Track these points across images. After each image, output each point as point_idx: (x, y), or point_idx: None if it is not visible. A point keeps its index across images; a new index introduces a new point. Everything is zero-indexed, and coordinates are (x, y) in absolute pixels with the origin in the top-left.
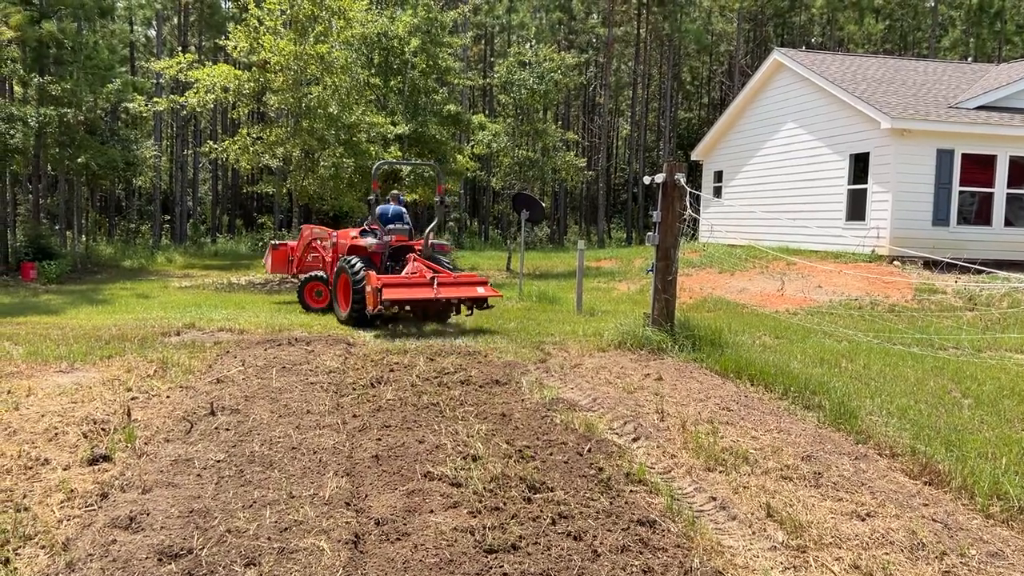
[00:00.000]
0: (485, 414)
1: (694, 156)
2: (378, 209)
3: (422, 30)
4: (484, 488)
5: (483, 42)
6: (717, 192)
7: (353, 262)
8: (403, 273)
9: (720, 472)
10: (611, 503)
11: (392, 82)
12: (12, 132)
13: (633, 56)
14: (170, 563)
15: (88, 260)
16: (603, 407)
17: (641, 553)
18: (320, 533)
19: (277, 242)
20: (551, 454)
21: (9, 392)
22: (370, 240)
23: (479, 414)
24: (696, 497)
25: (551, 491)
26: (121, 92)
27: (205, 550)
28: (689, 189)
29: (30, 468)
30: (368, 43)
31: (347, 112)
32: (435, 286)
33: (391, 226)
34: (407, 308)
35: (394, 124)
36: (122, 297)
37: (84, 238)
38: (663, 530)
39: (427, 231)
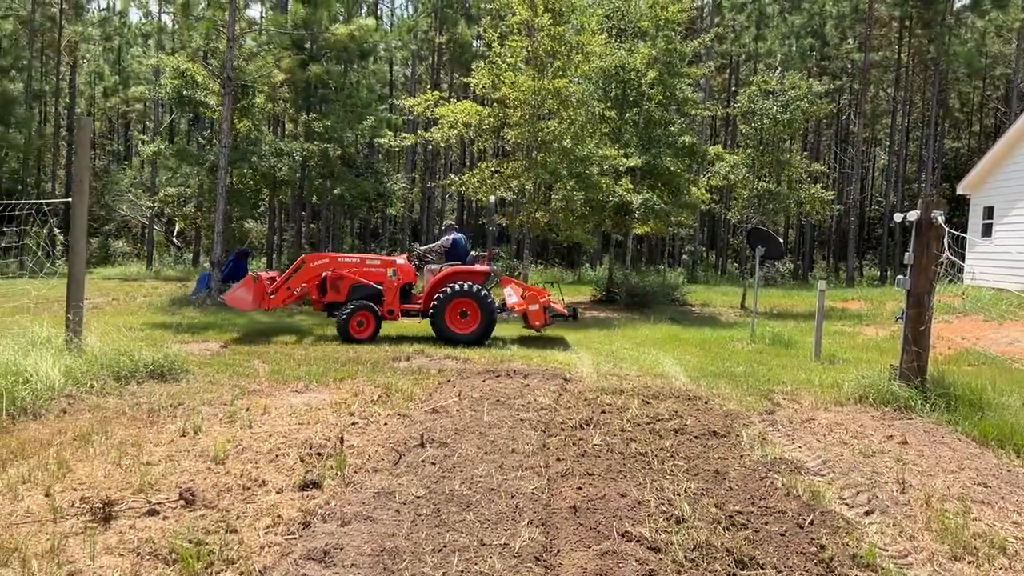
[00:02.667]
0: (697, 469)
1: (960, 189)
2: (454, 238)
3: (660, 61)
4: (685, 557)
5: (727, 71)
6: (987, 230)
7: (477, 288)
8: (505, 293)
9: (969, 563)
10: None
11: (628, 114)
12: (280, 165)
13: (892, 82)
14: None
15: None
16: (834, 472)
17: None
18: None
19: (256, 274)
20: (766, 523)
21: (247, 410)
22: (480, 267)
23: (690, 469)
24: None
25: (761, 568)
26: (375, 128)
27: None
28: (948, 229)
29: (248, 489)
30: (606, 76)
31: (580, 145)
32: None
33: (473, 253)
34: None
35: (627, 156)
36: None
37: None
38: None
39: (480, 255)
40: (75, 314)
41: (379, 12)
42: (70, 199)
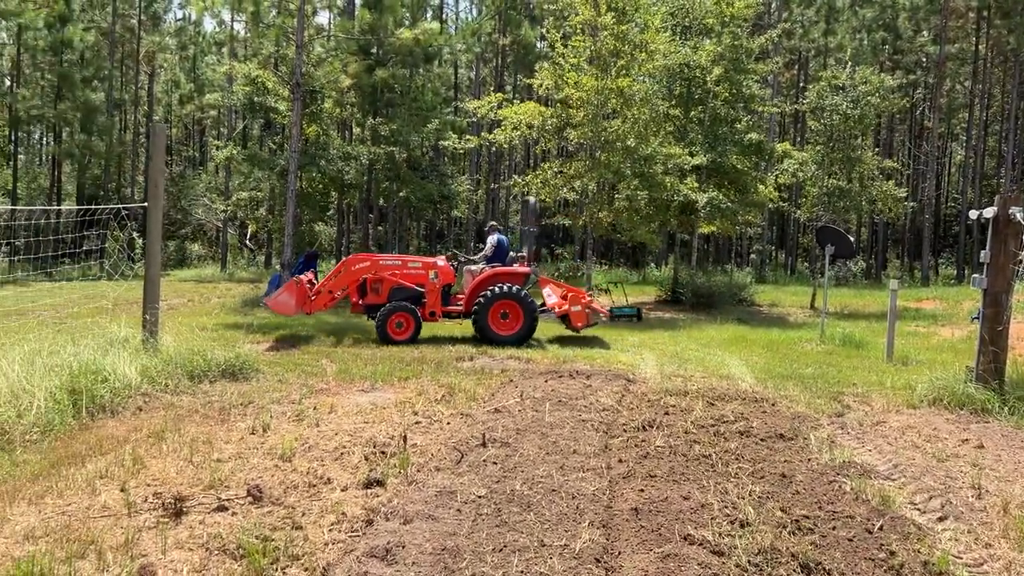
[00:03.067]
0: (762, 472)
1: None
2: (499, 239)
3: (726, 58)
4: (748, 561)
5: (796, 67)
6: None
7: (519, 290)
8: (545, 294)
9: None
10: None
11: (693, 112)
12: (347, 169)
13: (969, 75)
14: None
15: None
16: (905, 476)
17: None
18: None
19: (298, 277)
20: (833, 528)
21: (315, 408)
22: (521, 268)
23: (755, 472)
24: None
25: (827, 573)
26: (440, 131)
27: None
28: None
29: (314, 486)
30: (670, 74)
31: (643, 144)
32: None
33: (513, 255)
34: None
35: (691, 155)
36: None
37: None
38: None
39: (519, 256)
40: (151, 315)
41: (443, 16)
42: (146, 203)
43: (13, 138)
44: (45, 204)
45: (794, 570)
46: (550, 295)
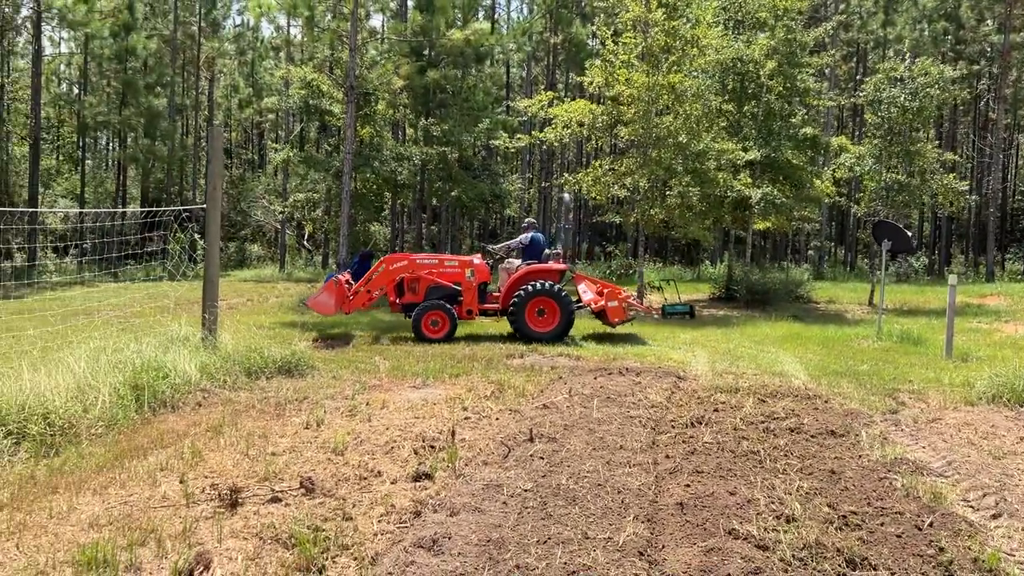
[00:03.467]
0: (811, 469)
1: None
2: (533, 236)
3: (780, 52)
4: (793, 556)
5: (854, 60)
6: None
7: (555, 287)
8: (580, 291)
9: None
10: None
11: (746, 107)
12: (400, 169)
13: None
14: None
15: None
16: (959, 473)
17: None
18: None
19: (337, 277)
20: (881, 524)
21: (367, 404)
22: (557, 265)
23: (803, 468)
24: None
25: (873, 569)
26: (491, 130)
27: None
28: None
29: (364, 479)
30: (723, 69)
31: (695, 140)
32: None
33: (547, 251)
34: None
35: (745, 150)
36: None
37: None
38: None
39: (554, 253)
40: (210, 313)
41: (495, 16)
42: (205, 205)
43: (81, 144)
44: (111, 207)
45: (839, 565)
46: (585, 291)
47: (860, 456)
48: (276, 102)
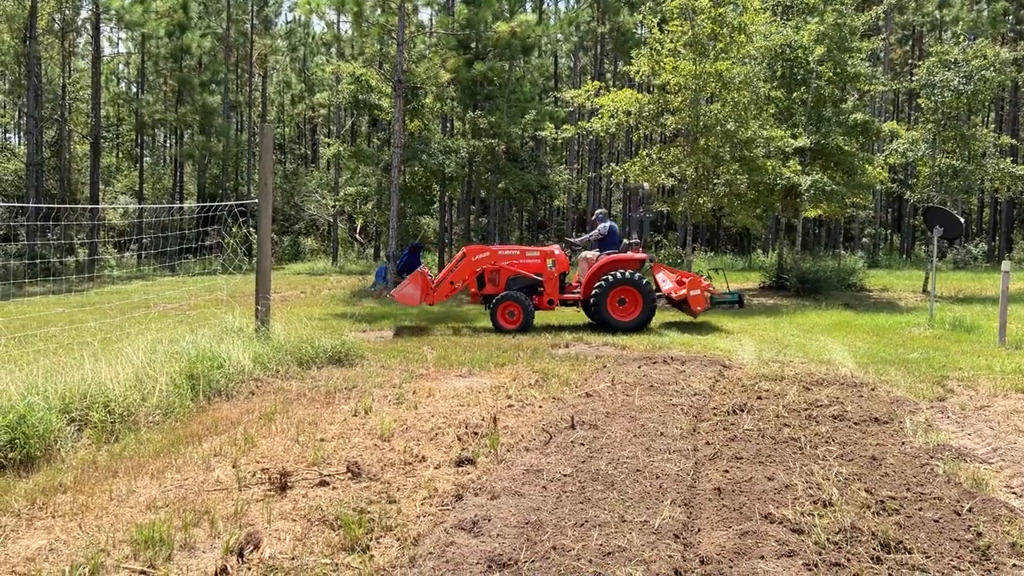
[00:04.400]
0: (851, 455)
1: None
2: (610, 225)
3: (829, 37)
4: (828, 539)
5: (910, 43)
6: None
7: (638, 276)
8: (659, 280)
9: None
10: None
11: (795, 93)
12: (448, 162)
13: None
14: (495, 572)
15: None
16: (1004, 460)
17: None
18: (640, 563)
19: (422, 269)
20: (920, 509)
21: (414, 393)
22: (637, 254)
23: (844, 455)
24: None
25: (908, 553)
26: (538, 121)
27: (528, 564)
28: None
29: (409, 464)
30: (771, 55)
31: (743, 128)
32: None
33: (626, 241)
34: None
35: (794, 137)
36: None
37: None
38: None
39: (632, 243)
40: (263, 305)
41: (542, 7)
42: (258, 200)
43: (139, 142)
44: (168, 203)
45: (874, 548)
46: (664, 280)
47: (903, 443)
48: (327, 97)
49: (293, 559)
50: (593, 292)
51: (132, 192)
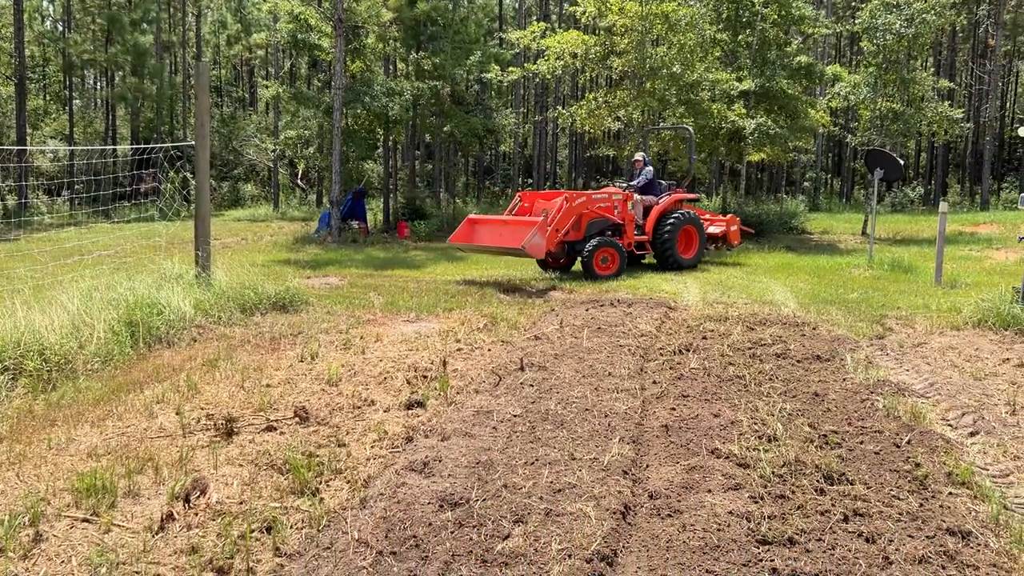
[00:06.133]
0: (794, 392)
1: None
2: (652, 169)
3: None
4: (772, 472)
5: None
6: None
7: (696, 215)
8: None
9: None
10: (921, 505)
11: (740, 36)
12: (392, 105)
13: None
14: (447, 511)
15: (455, 220)
16: (940, 394)
17: (943, 568)
18: (590, 499)
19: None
20: (861, 442)
21: (361, 338)
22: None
23: (787, 392)
24: None
25: (850, 484)
26: (483, 64)
27: (480, 503)
28: None
29: (358, 408)
30: None
31: (689, 71)
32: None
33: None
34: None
35: (739, 80)
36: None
37: (454, 200)
38: (978, 544)
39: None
40: (203, 251)
41: None
42: (194, 143)
43: (68, 83)
44: (101, 147)
45: (817, 480)
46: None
47: (844, 380)
48: (265, 38)
49: (241, 503)
50: (665, 233)
51: (62, 136)
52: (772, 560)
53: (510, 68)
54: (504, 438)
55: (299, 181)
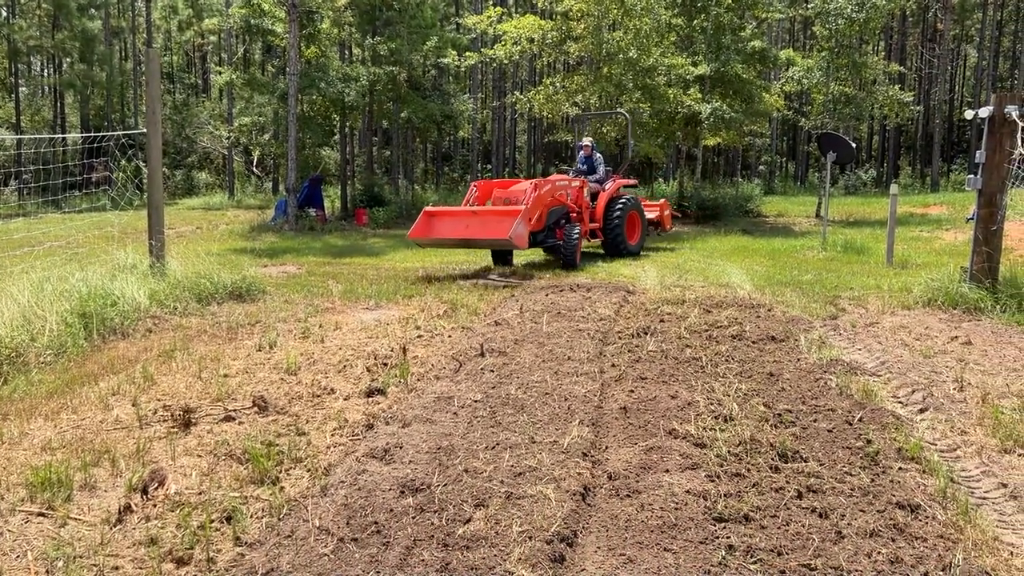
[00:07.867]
0: (750, 372)
1: None
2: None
3: None
4: (729, 452)
5: None
6: None
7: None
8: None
9: (1020, 455)
10: (872, 481)
11: (695, 21)
12: (348, 91)
13: None
14: (408, 497)
15: (414, 207)
16: (891, 372)
17: (893, 540)
18: (551, 481)
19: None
20: (814, 421)
21: (320, 326)
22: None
23: (743, 372)
24: (982, 482)
25: (804, 461)
26: (440, 48)
27: (441, 488)
28: None
29: (318, 396)
30: None
31: (645, 56)
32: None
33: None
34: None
35: (695, 65)
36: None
37: (413, 187)
38: (927, 517)
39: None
40: (157, 240)
41: None
42: (146, 130)
43: (13, 70)
44: (50, 135)
45: (772, 459)
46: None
47: (798, 359)
48: (217, 23)
49: (200, 494)
50: (615, 219)
51: (8, 124)
52: (728, 537)
53: (467, 53)
54: (465, 423)
55: (254, 168)
